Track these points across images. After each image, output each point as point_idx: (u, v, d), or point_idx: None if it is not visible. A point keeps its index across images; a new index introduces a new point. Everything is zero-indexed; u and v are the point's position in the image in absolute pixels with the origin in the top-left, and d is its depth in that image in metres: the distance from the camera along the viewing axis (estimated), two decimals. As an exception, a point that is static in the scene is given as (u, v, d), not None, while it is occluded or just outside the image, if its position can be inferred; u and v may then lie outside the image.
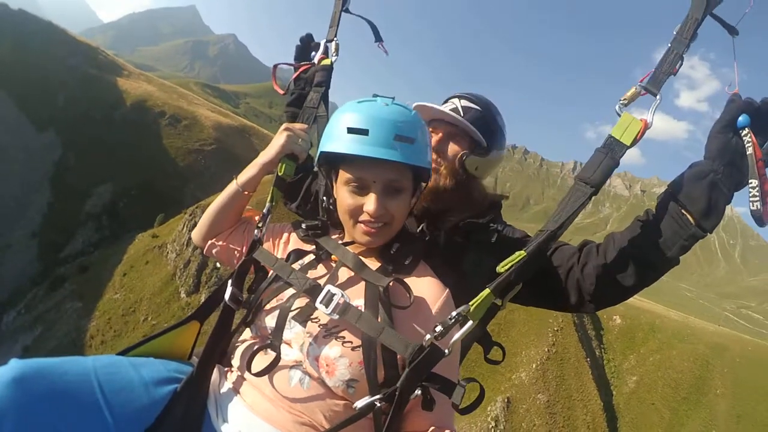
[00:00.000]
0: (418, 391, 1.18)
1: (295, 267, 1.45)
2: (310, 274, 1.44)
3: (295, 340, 1.32)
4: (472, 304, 1.18)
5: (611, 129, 1.31)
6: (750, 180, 1.22)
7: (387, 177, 1.36)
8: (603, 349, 47.89)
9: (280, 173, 1.64)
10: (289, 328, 1.34)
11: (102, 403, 1.11)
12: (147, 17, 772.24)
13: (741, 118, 1.25)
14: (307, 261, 1.51)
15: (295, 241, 1.63)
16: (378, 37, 2.10)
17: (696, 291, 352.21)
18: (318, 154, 1.49)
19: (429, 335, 1.16)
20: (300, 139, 1.66)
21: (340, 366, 1.24)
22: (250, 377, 1.31)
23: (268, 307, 1.42)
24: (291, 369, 1.30)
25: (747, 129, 1.24)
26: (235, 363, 1.44)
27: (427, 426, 1.28)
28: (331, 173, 1.51)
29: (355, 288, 1.40)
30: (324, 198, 1.61)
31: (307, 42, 2.06)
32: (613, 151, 1.27)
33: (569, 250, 1.65)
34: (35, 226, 72.98)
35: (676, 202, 1.34)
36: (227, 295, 1.43)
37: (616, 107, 1.31)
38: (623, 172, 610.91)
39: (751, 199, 1.20)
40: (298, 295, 1.37)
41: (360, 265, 1.41)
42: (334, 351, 1.26)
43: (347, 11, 2.04)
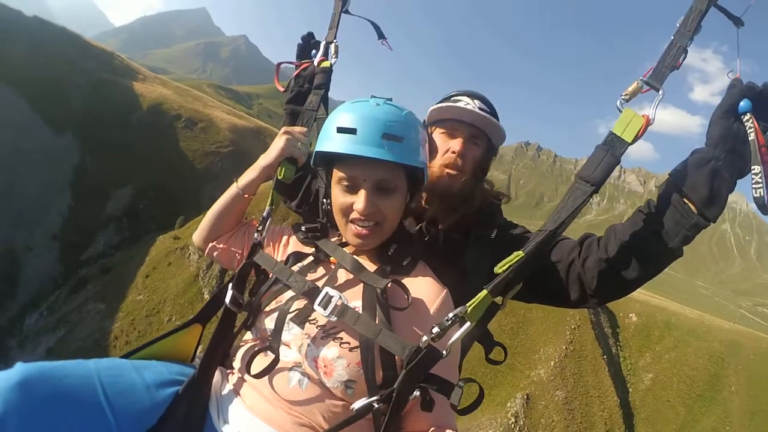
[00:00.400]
0: (417, 392, 1.18)
1: (295, 269, 1.47)
2: (310, 276, 1.46)
3: (293, 341, 1.34)
4: (469, 305, 1.16)
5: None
6: (753, 166, 1.19)
7: (377, 176, 1.38)
8: (619, 347, 47.82)
9: (279, 176, 1.64)
10: (287, 330, 1.35)
11: (104, 405, 1.12)
12: (158, 20, 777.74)
13: (742, 103, 1.22)
14: (307, 263, 1.52)
15: (294, 243, 1.65)
16: (381, 35, 2.11)
17: (712, 288, 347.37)
18: (313, 153, 1.53)
19: (426, 336, 1.15)
20: (299, 143, 1.66)
21: (338, 367, 1.25)
22: (250, 379, 1.34)
23: (267, 309, 1.44)
24: (290, 370, 1.31)
25: (749, 114, 1.22)
26: (236, 365, 1.47)
27: (428, 426, 1.29)
28: (328, 174, 1.53)
29: (353, 290, 1.41)
30: (324, 200, 1.59)
31: (308, 40, 2.09)
32: (614, 148, 1.24)
33: (569, 244, 1.63)
34: (56, 228, 73.55)
35: (677, 191, 1.32)
36: (228, 298, 1.45)
37: (618, 103, 1.27)
38: (637, 168, 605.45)
39: (754, 185, 1.18)
40: (297, 297, 1.39)
41: (358, 267, 1.42)
42: (332, 352, 1.27)
43: (347, 12, 2.04)
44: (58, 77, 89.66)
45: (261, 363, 1.29)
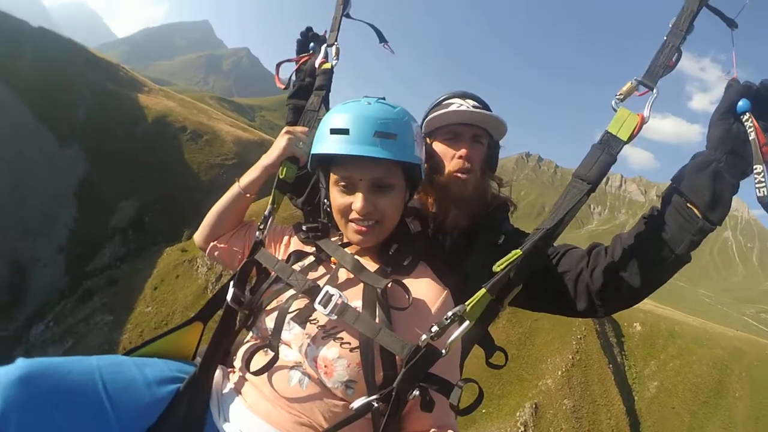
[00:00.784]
0: (416, 391, 1.17)
1: (296, 268, 1.46)
2: (310, 275, 1.45)
3: (294, 341, 1.34)
4: (468, 303, 1.15)
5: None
6: (755, 166, 1.17)
7: (373, 174, 1.38)
8: (624, 356, 47.67)
9: (281, 176, 1.65)
10: (287, 329, 1.35)
11: (105, 401, 1.12)
12: (161, 32, 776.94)
13: (741, 103, 1.21)
14: (308, 262, 1.52)
15: (295, 243, 1.65)
16: (382, 39, 2.09)
17: (715, 296, 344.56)
18: (309, 157, 1.54)
19: (425, 335, 1.14)
20: (301, 142, 1.66)
21: (339, 367, 1.24)
22: (251, 377, 1.34)
23: (268, 308, 1.43)
24: (290, 369, 1.31)
25: (748, 114, 1.20)
26: (236, 363, 1.47)
27: (428, 426, 1.29)
28: (326, 176, 1.52)
29: (353, 289, 1.41)
30: (325, 201, 1.58)
31: (306, 34, 2.10)
32: (609, 147, 1.24)
33: (578, 254, 1.61)
34: (62, 240, 73.64)
35: (680, 195, 1.31)
36: (229, 296, 1.45)
37: (612, 102, 1.27)
38: (638, 177, 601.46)
39: (757, 185, 1.15)
40: (297, 296, 1.39)
41: (358, 267, 1.41)
42: (332, 352, 1.26)
43: (348, 16, 2.03)
44: (64, 88, 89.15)
45: (260, 360, 1.29)
